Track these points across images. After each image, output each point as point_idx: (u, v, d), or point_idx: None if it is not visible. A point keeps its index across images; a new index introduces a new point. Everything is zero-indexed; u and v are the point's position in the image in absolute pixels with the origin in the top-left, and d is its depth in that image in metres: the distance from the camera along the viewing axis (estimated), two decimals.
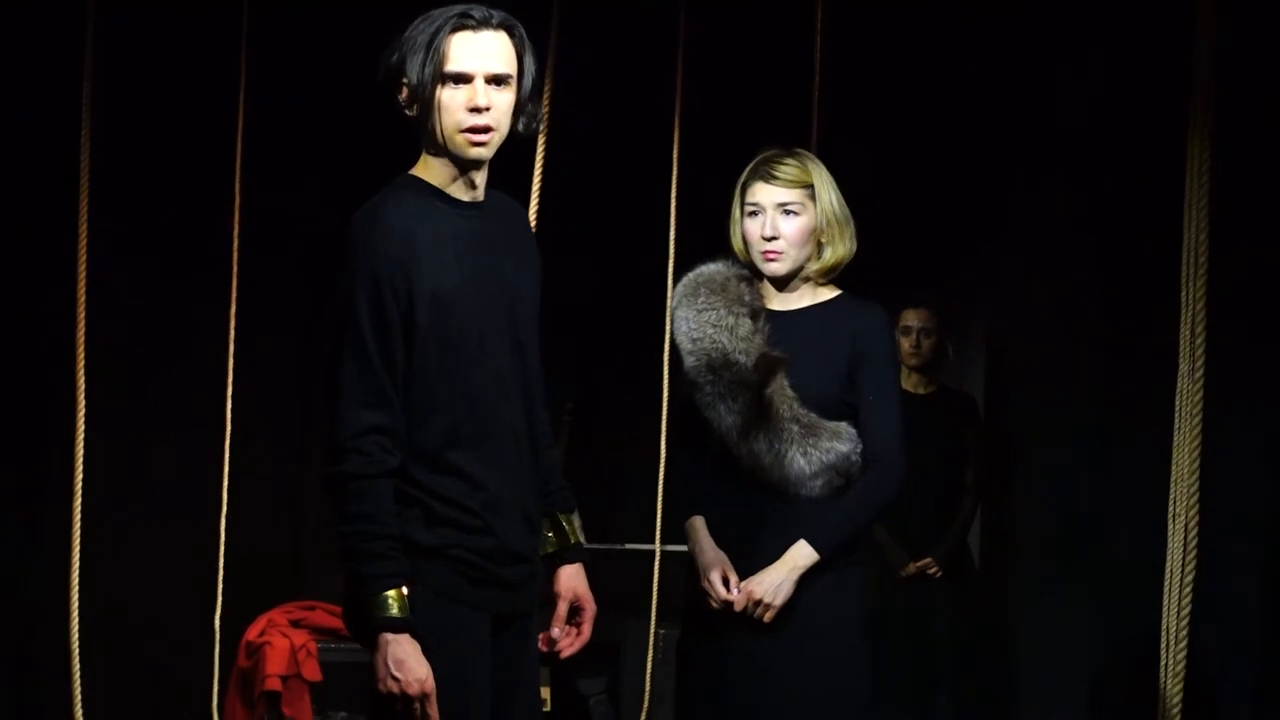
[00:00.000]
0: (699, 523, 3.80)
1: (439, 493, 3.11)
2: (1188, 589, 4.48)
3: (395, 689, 3.03)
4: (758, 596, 3.67)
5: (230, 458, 5.33)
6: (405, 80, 3.13)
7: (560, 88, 4.73)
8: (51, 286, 5.84)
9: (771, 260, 3.75)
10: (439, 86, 3.10)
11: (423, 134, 3.17)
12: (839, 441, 3.70)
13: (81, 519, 5.00)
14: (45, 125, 5.70)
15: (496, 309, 3.16)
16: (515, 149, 3.29)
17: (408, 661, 3.02)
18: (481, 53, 3.10)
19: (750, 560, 3.71)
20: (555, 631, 3.30)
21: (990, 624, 5.97)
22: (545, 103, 4.48)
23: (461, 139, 3.12)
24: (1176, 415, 4.52)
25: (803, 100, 5.15)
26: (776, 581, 3.66)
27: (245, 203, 5.25)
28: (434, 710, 3.04)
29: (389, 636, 3.03)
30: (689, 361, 3.78)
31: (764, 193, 3.76)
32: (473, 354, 3.12)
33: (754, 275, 3.82)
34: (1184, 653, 4.47)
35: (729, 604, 3.70)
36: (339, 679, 5.62)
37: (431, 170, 3.18)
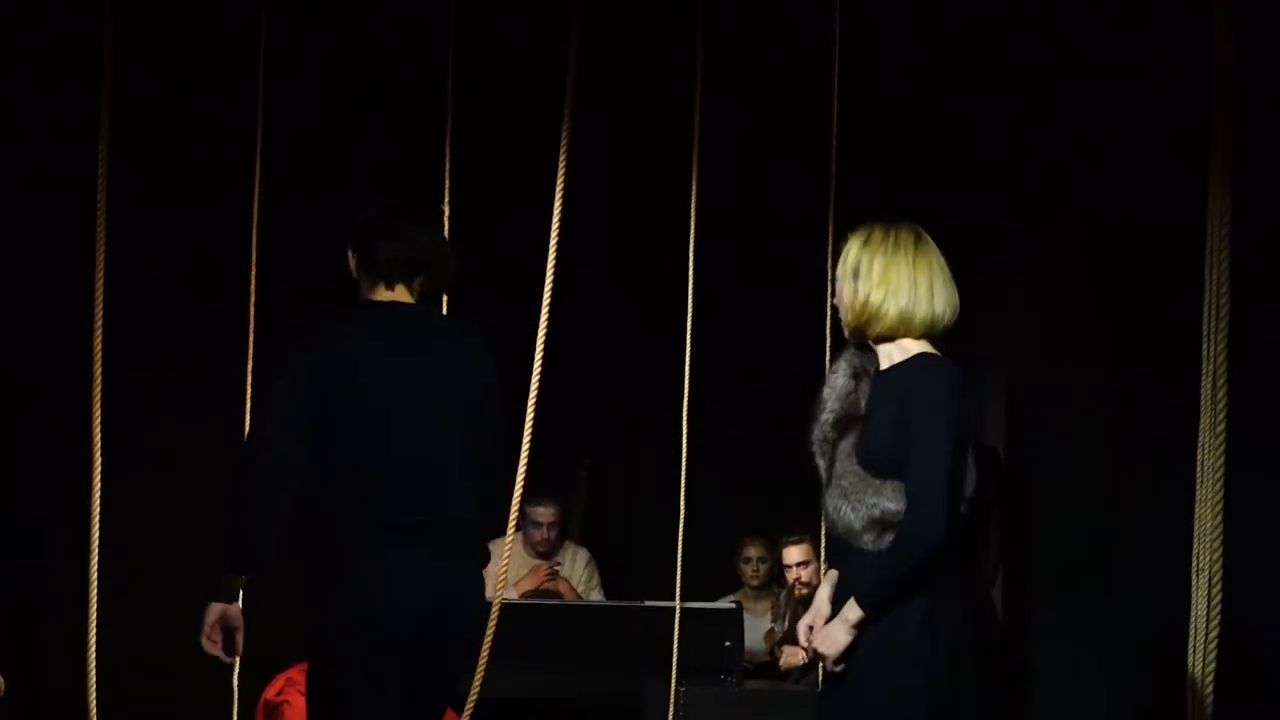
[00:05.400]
0: (831, 574, 3.97)
1: None
2: (1213, 643, 4.44)
3: None
4: (813, 647, 3.86)
5: None
6: None
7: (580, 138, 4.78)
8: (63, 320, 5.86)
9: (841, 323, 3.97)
10: None
11: None
12: (883, 497, 3.77)
13: (98, 579, 4.98)
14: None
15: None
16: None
17: None
18: None
19: (835, 610, 3.85)
20: None
21: (1011, 678, 5.93)
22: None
23: None
24: (1199, 468, 4.48)
25: (817, 139, 5.19)
26: (828, 633, 3.80)
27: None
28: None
29: None
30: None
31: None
32: None
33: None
34: (1210, 705, 4.43)
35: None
36: None
37: None
